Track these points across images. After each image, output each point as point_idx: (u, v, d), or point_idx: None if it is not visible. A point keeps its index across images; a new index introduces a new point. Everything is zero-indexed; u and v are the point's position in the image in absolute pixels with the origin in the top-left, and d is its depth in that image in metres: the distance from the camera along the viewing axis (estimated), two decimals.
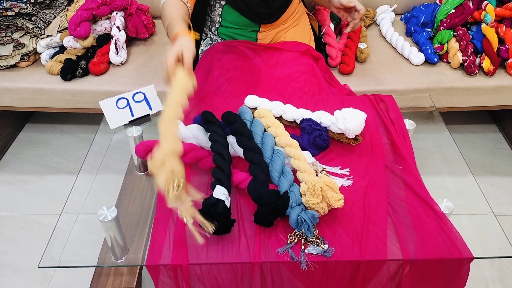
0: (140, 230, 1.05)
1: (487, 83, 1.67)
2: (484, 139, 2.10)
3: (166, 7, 1.32)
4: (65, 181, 1.90)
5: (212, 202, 0.94)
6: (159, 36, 1.96)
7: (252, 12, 1.46)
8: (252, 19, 1.50)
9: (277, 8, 1.48)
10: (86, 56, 1.73)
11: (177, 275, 0.93)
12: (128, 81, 1.69)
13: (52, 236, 1.03)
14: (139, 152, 1.15)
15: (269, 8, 1.46)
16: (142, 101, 1.34)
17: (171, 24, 1.24)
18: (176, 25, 1.22)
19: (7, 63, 1.71)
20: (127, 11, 1.83)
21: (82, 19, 1.70)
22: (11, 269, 1.57)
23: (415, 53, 1.73)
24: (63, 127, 2.20)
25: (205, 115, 1.19)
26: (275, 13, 1.49)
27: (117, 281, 1.00)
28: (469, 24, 1.80)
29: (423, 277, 0.96)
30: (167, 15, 1.29)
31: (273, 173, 1.06)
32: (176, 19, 1.24)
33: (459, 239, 0.96)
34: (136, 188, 1.18)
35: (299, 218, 0.95)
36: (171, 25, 1.24)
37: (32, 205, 1.80)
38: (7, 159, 2.03)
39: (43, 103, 1.73)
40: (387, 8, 2.00)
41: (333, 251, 0.93)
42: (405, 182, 1.10)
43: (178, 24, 1.22)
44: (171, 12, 1.28)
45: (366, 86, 1.64)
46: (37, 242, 1.66)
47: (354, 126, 1.14)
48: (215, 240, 0.96)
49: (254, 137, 1.13)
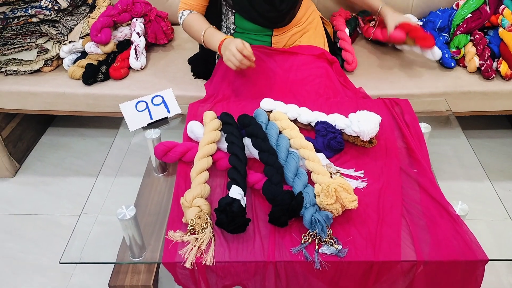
0: (157, 229, 1.08)
1: (504, 87, 1.66)
2: (503, 145, 2.07)
3: (191, 23, 1.53)
4: (85, 183, 1.94)
5: (228, 201, 0.96)
6: (178, 42, 1.99)
7: (262, 17, 1.49)
8: (263, 24, 1.52)
9: (285, 10, 1.48)
10: (107, 61, 1.77)
11: (193, 271, 0.95)
12: (147, 85, 1.72)
13: (71, 236, 1.06)
14: (158, 152, 1.18)
15: (277, 12, 1.48)
16: (160, 104, 1.37)
17: (209, 34, 1.47)
18: (216, 34, 1.46)
19: (31, 68, 1.77)
20: (147, 17, 1.87)
21: (103, 25, 1.74)
22: (32, 268, 1.61)
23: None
24: (84, 130, 2.25)
25: (223, 116, 1.21)
26: (284, 16, 1.51)
27: (134, 279, 1.03)
28: (486, 29, 1.79)
29: (436, 279, 0.96)
30: (197, 28, 1.50)
31: (287, 174, 1.07)
32: (211, 28, 1.48)
33: (474, 241, 0.96)
34: (154, 189, 1.21)
35: (313, 219, 0.96)
36: (210, 35, 1.46)
37: (52, 206, 1.85)
38: (30, 161, 2.08)
39: (65, 107, 1.77)
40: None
41: (346, 251, 0.94)
42: (419, 184, 1.10)
43: (219, 33, 1.47)
44: (200, 24, 1.51)
45: (381, 90, 1.64)
46: (57, 242, 1.70)
47: (368, 129, 1.15)
48: (231, 239, 0.98)
49: (269, 139, 1.15)
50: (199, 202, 1.01)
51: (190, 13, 1.53)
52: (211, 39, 1.45)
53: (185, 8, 1.54)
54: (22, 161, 2.07)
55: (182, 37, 2.02)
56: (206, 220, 0.98)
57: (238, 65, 1.34)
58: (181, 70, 1.79)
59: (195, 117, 1.33)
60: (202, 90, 1.65)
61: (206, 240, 0.96)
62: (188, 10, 1.54)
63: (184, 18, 1.53)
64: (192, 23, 1.51)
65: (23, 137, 2.08)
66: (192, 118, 1.31)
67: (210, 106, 1.39)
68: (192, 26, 1.51)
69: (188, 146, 1.20)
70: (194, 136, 1.24)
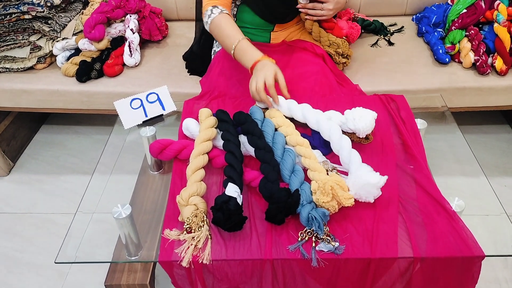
0: (153, 228, 1.07)
1: (499, 83, 1.66)
2: (498, 140, 2.08)
3: (222, 27, 1.36)
4: (80, 181, 1.94)
5: (224, 199, 0.95)
6: (172, 39, 1.98)
7: (270, 10, 1.48)
8: (268, 18, 1.51)
9: (294, 6, 1.49)
10: (101, 58, 1.76)
11: (190, 270, 0.94)
12: (141, 82, 1.71)
13: (67, 235, 1.06)
14: (153, 150, 1.17)
15: (286, 7, 1.48)
16: (155, 101, 1.36)
17: (242, 47, 1.32)
18: (250, 50, 1.32)
19: (24, 65, 1.75)
20: (141, 14, 1.85)
21: (96, 22, 1.73)
22: (28, 267, 1.60)
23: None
24: (78, 128, 2.24)
25: (219, 114, 1.20)
26: (293, 11, 1.51)
27: (131, 277, 1.02)
28: (481, 24, 1.79)
29: (434, 275, 0.96)
30: (229, 34, 1.35)
31: (284, 172, 1.07)
32: (245, 40, 1.34)
33: (470, 237, 0.96)
34: (150, 187, 1.20)
35: (310, 216, 0.96)
36: (243, 49, 1.32)
37: (48, 205, 1.84)
38: (24, 159, 2.07)
39: (59, 105, 1.76)
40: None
41: (343, 248, 0.94)
42: (416, 181, 1.10)
43: (253, 49, 1.32)
44: (233, 32, 1.35)
45: (377, 86, 1.64)
46: (53, 241, 1.69)
47: (364, 126, 1.15)
48: (227, 237, 0.97)
49: (265, 136, 1.15)
50: (195, 200, 1.01)
51: (220, 12, 1.37)
52: (243, 55, 1.32)
53: (213, 4, 1.39)
54: (16, 160, 2.05)
55: (177, 33, 2.01)
56: (203, 219, 0.98)
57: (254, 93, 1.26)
58: (176, 67, 1.78)
59: (191, 114, 1.32)
60: (197, 86, 1.64)
61: (202, 238, 0.95)
62: (218, 8, 1.38)
63: (214, 18, 1.37)
64: (223, 27, 1.36)
65: (17, 135, 2.07)
66: (188, 116, 1.30)
67: (205, 103, 1.39)
68: (223, 30, 1.36)
69: (184, 143, 1.19)
70: (190, 133, 1.24)
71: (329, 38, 1.59)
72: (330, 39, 1.58)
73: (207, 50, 1.67)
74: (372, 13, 2.05)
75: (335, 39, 1.58)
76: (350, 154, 1.10)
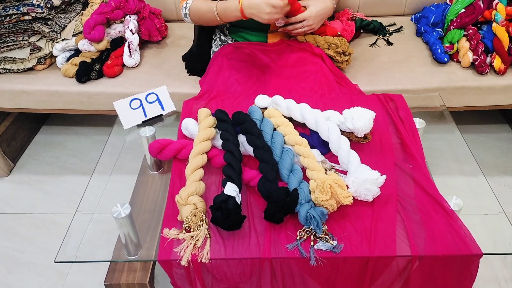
0: (153, 227, 1.08)
1: (498, 82, 1.66)
2: (497, 139, 2.09)
3: (198, 6, 1.46)
4: (80, 182, 1.94)
5: (223, 198, 0.96)
6: (172, 39, 1.99)
7: None
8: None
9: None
10: (101, 59, 1.77)
11: (189, 269, 0.95)
12: (141, 83, 1.72)
13: (67, 235, 1.06)
14: (153, 150, 1.18)
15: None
16: (154, 101, 1.36)
17: (221, 7, 1.38)
18: (229, 3, 1.36)
19: (24, 66, 1.76)
20: (140, 14, 1.86)
21: (96, 22, 1.73)
22: (28, 267, 1.61)
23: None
24: (78, 129, 2.24)
25: (218, 113, 1.21)
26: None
27: (130, 277, 1.03)
28: (479, 24, 1.79)
29: (432, 274, 0.96)
30: (206, 8, 1.43)
31: (282, 171, 1.07)
32: (220, 2, 1.38)
33: (468, 235, 0.96)
34: (149, 187, 1.21)
35: (308, 215, 0.96)
36: (223, 6, 1.38)
37: (48, 205, 1.84)
38: (24, 160, 2.07)
39: (59, 105, 1.76)
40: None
41: (342, 247, 0.94)
42: (414, 179, 1.10)
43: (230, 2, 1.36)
44: (207, 3, 1.42)
45: (376, 86, 1.64)
46: (53, 241, 1.69)
47: (362, 126, 1.15)
48: (226, 236, 0.98)
49: (263, 136, 1.15)
50: (194, 199, 1.01)
51: (193, 0, 1.48)
52: (225, 10, 1.38)
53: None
54: (16, 160, 2.06)
55: (176, 34, 2.02)
56: (202, 218, 0.98)
57: (273, 17, 1.29)
58: (175, 67, 1.79)
59: (190, 114, 1.33)
60: (196, 87, 1.64)
61: (201, 237, 0.96)
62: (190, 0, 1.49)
63: (190, 6, 1.49)
64: (199, 7, 1.46)
65: (17, 136, 2.07)
66: (187, 115, 1.31)
67: (204, 103, 1.39)
68: (199, 10, 1.46)
69: (183, 143, 1.19)
70: (189, 133, 1.24)
71: (326, 40, 1.59)
72: (327, 41, 1.58)
73: (206, 50, 1.68)
74: (371, 13, 2.05)
75: (332, 39, 1.58)
76: (348, 154, 1.11)
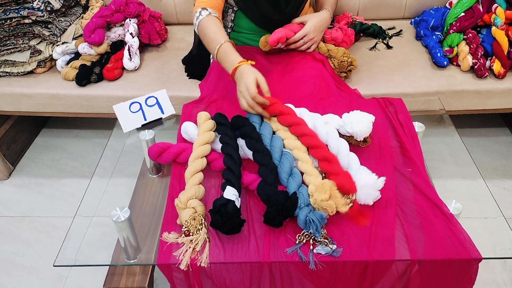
0: (152, 231, 1.08)
1: (497, 86, 1.67)
2: (497, 143, 2.09)
3: (207, 29, 1.36)
4: (79, 185, 1.94)
5: (222, 202, 0.96)
6: (171, 43, 1.99)
7: (266, 18, 1.49)
8: (265, 25, 1.52)
9: (290, 14, 1.50)
10: (100, 62, 1.77)
11: (188, 273, 0.95)
12: (141, 86, 1.72)
13: (66, 238, 1.06)
14: (152, 154, 1.18)
15: (282, 14, 1.49)
16: (154, 105, 1.36)
17: (223, 51, 1.30)
18: (231, 54, 1.29)
19: (24, 70, 1.76)
20: (140, 18, 1.86)
21: (96, 26, 1.74)
22: (27, 270, 1.60)
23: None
24: (78, 132, 2.24)
25: (217, 117, 1.21)
26: (289, 18, 1.52)
27: (129, 280, 1.03)
28: (479, 27, 1.80)
29: (431, 278, 0.96)
30: (212, 37, 1.34)
31: (281, 175, 1.07)
32: (227, 44, 1.30)
33: (468, 239, 0.96)
34: (149, 190, 1.21)
35: (308, 219, 0.96)
36: (224, 53, 1.29)
37: (47, 208, 1.84)
38: (24, 163, 2.07)
39: (59, 108, 1.77)
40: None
41: (341, 251, 0.94)
42: (413, 183, 1.10)
43: (233, 53, 1.29)
44: (217, 35, 1.33)
45: (375, 90, 1.65)
46: (53, 244, 1.69)
47: (361, 129, 1.15)
48: (226, 240, 0.98)
49: (263, 140, 1.15)
50: (194, 203, 1.01)
51: (208, 15, 1.37)
52: (224, 59, 1.30)
53: (203, 6, 1.40)
54: (16, 163, 2.06)
55: (176, 37, 2.02)
56: (201, 222, 0.98)
57: (247, 109, 1.23)
58: (175, 71, 1.79)
59: (189, 117, 1.33)
60: (196, 90, 1.65)
61: (200, 241, 0.96)
62: (206, 10, 1.38)
63: (201, 20, 1.37)
64: (208, 30, 1.35)
65: (17, 139, 2.07)
66: (186, 119, 1.31)
67: (204, 107, 1.39)
68: (207, 33, 1.35)
69: (182, 147, 1.19)
70: (188, 137, 1.24)
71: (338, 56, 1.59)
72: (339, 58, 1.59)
73: (206, 54, 1.68)
74: (370, 17, 2.05)
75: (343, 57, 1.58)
76: (348, 157, 1.11)
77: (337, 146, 1.13)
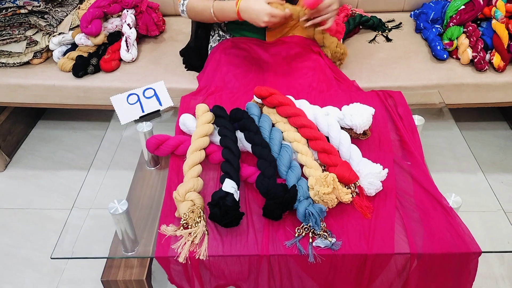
0: (150, 223, 1.07)
1: (497, 79, 1.66)
2: (495, 136, 2.09)
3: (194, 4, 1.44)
4: (76, 177, 1.93)
5: (221, 195, 0.95)
6: (169, 34, 1.97)
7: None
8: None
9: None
10: (97, 53, 1.75)
11: (186, 266, 0.94)
12: (138, 77, 1.70)
13: (63, 230, 1.05)
14: (150, 146, 1.17)
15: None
16: (152, 97, 1.35)
17: (218, 6, 1.39)
18: (226, 2, 1.36)
19: (20, 60, 1.74)
20: (138, 8, 1.84)
21: (93, 16, 1.72)
22: (24, 263, 1.60)
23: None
24: (75, 124, 2.23)
25: (216, 109, 1.20)
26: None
27: (127, 273, 1.02)
28: (479, 20, 1.79)
29: (431, 272, 0.96)
30: (203, 7, 1.43)
31: (281, 168, 1.07)
32: (216, 1, 1.39)
33: (467, 233, 0.96)
34: (147, 182, 1.20)
35: (307, 212, 0.95)
36: (219, 6, 1.38)
37: (44, 201, 1.83)
38: (20, 155, 2.06)
39: (55, 100, 1.75)
40: None
41: (340, 244, 0.93)
42: (413, 177, 1.10)
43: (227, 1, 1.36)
44: (203, 1, 1.42)
45: (375, 83, 1.64)
46: (49, 237, 1.68)
47: (361, 122, 1.15)
48: (224, 233, 0.97)
49: (262, 132, 1.14)
50: (192, 196, 1.01)
51: None
52: (222, 11, 1.39)
53: None
54: (12, 155, 2.05)
55: (174, 28, 2.00)
56: (199, 214, 0.98)
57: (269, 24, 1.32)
58: (173, 62, 1.77)
59: (188, 109, 1.32)
60: (194, 82, 1.63)
61: (199, 234, 0.95)
62: None
63: (187, 3, 1.47)
64: (196, 4, 1.45)
65: (13, 130, 2.06)
66: (185, 111, 1.30)
67: (202, 99, 1.38)
68: (196, 8, 1.45)
69: (181, 139, 1.18)
70: (187, 129, 1.23)
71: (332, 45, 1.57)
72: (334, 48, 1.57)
73: (204, 45, 1.66)
74: (370, 9, 2.04)
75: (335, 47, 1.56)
76: (350, 149, 1.11)
77: (339, 138, 1.12)
